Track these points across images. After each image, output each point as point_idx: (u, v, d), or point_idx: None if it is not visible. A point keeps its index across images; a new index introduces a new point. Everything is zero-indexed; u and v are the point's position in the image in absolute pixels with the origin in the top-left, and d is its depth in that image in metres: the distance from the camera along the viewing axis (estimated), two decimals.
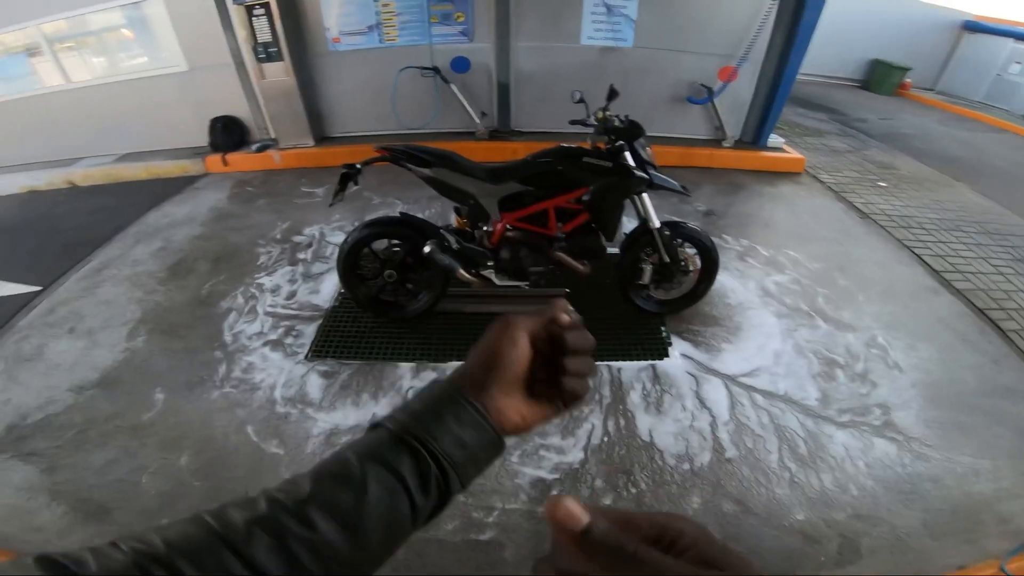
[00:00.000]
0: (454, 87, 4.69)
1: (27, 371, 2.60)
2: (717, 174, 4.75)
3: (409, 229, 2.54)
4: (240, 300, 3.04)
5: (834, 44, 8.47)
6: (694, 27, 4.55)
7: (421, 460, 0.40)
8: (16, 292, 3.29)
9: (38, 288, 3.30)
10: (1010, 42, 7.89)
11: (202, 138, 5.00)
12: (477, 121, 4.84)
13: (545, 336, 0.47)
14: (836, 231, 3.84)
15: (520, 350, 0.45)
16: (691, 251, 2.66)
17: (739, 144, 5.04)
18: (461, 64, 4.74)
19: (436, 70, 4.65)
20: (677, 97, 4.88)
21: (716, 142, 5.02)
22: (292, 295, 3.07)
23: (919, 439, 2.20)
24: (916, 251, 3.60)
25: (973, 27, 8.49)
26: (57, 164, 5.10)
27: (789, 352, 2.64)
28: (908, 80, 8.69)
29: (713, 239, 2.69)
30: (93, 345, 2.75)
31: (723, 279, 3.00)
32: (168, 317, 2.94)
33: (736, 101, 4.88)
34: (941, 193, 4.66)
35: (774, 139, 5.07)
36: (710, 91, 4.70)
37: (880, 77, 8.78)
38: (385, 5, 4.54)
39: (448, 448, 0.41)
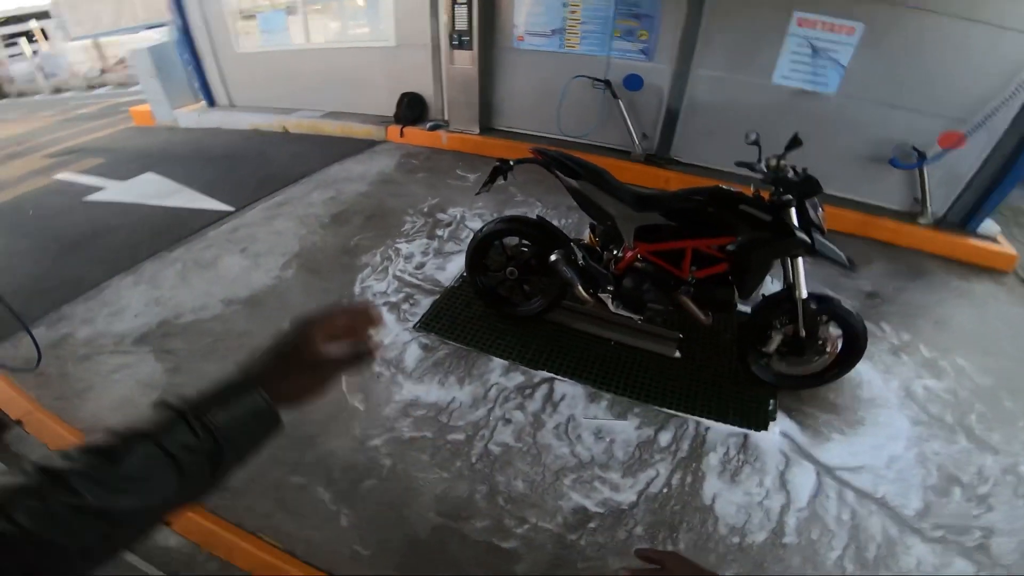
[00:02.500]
0: (621, 103, 4.62)
1: (198, 275, 3.18)
2: (898, 253, 4.02)
3: (542, 233, 2.57)
4: (377, 258, 3.38)
5: None
6: (921, 81, 3.86)
7: (195, 433, 0.48)
8: (216, 208, 4.08)
9: (232, 208, 4.04)
10: None
11: (390, 109, 5.66)
12: (636, 142, 4.73)
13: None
14: None
15: (313, 348, 0.56)
16: (835, 332, 2.31)
17: (940, 223, 4.19)
18: (634, 82, 4.65)
19: (608, 83, 4.63)
20: (876, 157, 4.20)
21: (910, 216, 4.22)
22: (421, 266, 3.33)
23: (1007, 568, 1.88)
24: None
25: None
26: (280, 111, 6.19)
27: (908, 459, 2.26)
28: None
29: (868, 325, 2.33)
30: (255, 266, 3.28)
31: (862, 368, 2.57)
32: (318, 257, 3.38)
33: (952, 173, 4.04)
34: None
35: (988, 225, 4.10)
36: (923, 156, 3.97)
37: None
38: (572, 12, 4.64)
39: (222, 423, 0.49)
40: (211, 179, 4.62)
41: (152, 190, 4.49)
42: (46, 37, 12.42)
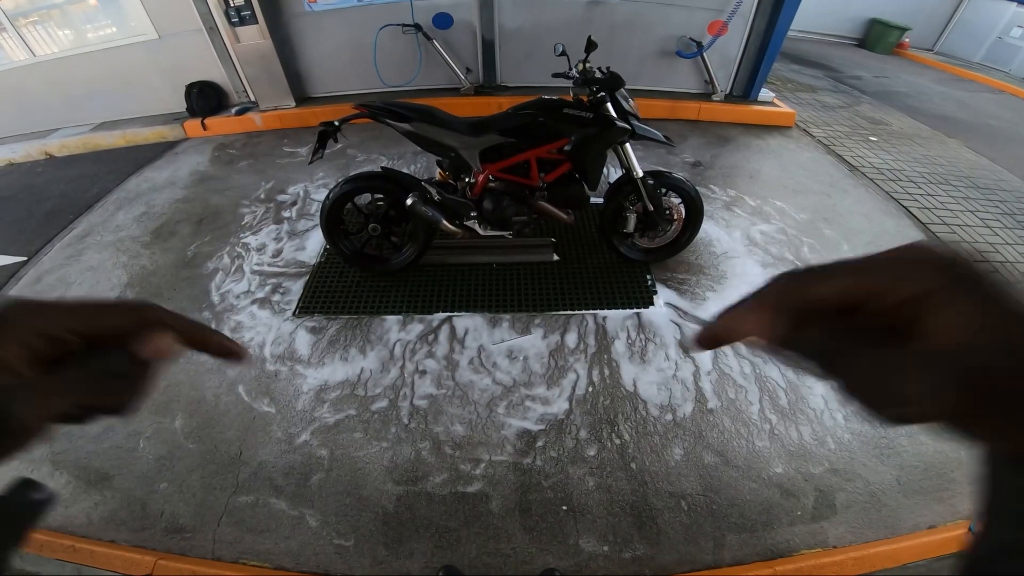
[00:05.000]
0: (437, 44, 4.56)
1: None
2: (705, 127, 4.69)
3: (391, 183, 2.51)
4: (226, 260, 3.02)
5: (832, 2, 8.43)
6: None
7: None
8: (1, 264, 3.26)
9: (23, 259, 3.26)
10: (1013, 6, 7.82)
11: (179, 104, 4.88)
12: (462, 77, 4.74)
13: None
14: (824, 183, 3.81)
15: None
16: (676, 200, 2.65)
17: (729, 98, 4.96)
18: (443, 20, 4.59)
19: (418, 27, 4.50)
20: (666, 51, 4.77)
21: (706, 96, 4.94)
22: (278, 253, 3.05)
23: None
24: (903, 203, 3.59)
25: None
26: (32, 136, 4.99)
27: None
28: (906, 40, 8.53)
29: (699, 189, 2.68)
30: None
31: (709, 228, 2.98)
32: (154, 280, 2.92)
33: (725, 55, 4.78)
34: (932, 149, 4.62)
35: (764, 93, 4.99)
36: (699, 45, 4.60)
37: (877, 36, 8.62)
38: None
39: None
40: None
41: None
42: None
